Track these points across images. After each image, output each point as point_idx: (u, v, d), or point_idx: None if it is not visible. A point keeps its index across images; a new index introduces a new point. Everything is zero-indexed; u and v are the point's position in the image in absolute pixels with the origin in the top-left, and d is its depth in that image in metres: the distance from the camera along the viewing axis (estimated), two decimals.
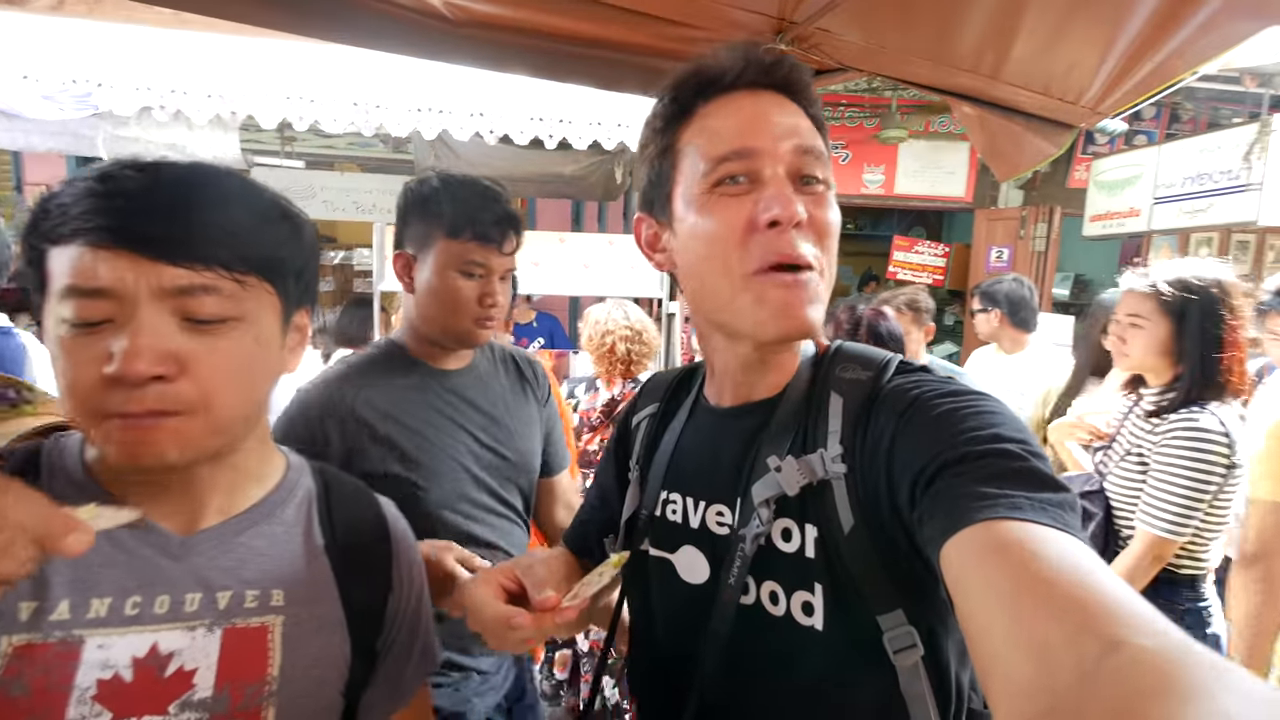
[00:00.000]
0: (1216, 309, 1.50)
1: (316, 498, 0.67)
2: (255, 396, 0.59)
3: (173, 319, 0.52)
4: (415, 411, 1.08)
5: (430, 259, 1.07)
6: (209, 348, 0.53)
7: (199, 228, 0.53)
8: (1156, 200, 3.83)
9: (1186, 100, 4.54)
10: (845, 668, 0.58)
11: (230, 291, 0.54)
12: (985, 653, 0.38)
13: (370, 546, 0.69)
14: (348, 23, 1.28)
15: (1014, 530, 0.41)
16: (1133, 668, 0.31)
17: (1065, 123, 1.64)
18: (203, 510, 0.59)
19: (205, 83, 2.56)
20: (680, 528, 0.68)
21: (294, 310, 0.62)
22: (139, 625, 0.54)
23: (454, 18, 1.28)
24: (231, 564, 0.59)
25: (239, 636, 0.58)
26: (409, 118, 2.79)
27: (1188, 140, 3.70)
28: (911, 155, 4.86)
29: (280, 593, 0.60)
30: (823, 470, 0.58)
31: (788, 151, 0.59)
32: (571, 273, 3.21)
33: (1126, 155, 4.10)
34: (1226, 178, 3.38)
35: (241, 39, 2.61)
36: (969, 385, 0.57)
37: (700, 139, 0.61)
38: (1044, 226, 4.75)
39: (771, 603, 0.60)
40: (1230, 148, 3.32)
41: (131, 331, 0.50)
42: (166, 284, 0.51)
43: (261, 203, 0.59)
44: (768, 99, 0.61)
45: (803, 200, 0.58)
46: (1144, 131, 4.67)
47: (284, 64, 2.68)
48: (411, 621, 0.71)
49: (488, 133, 2.89)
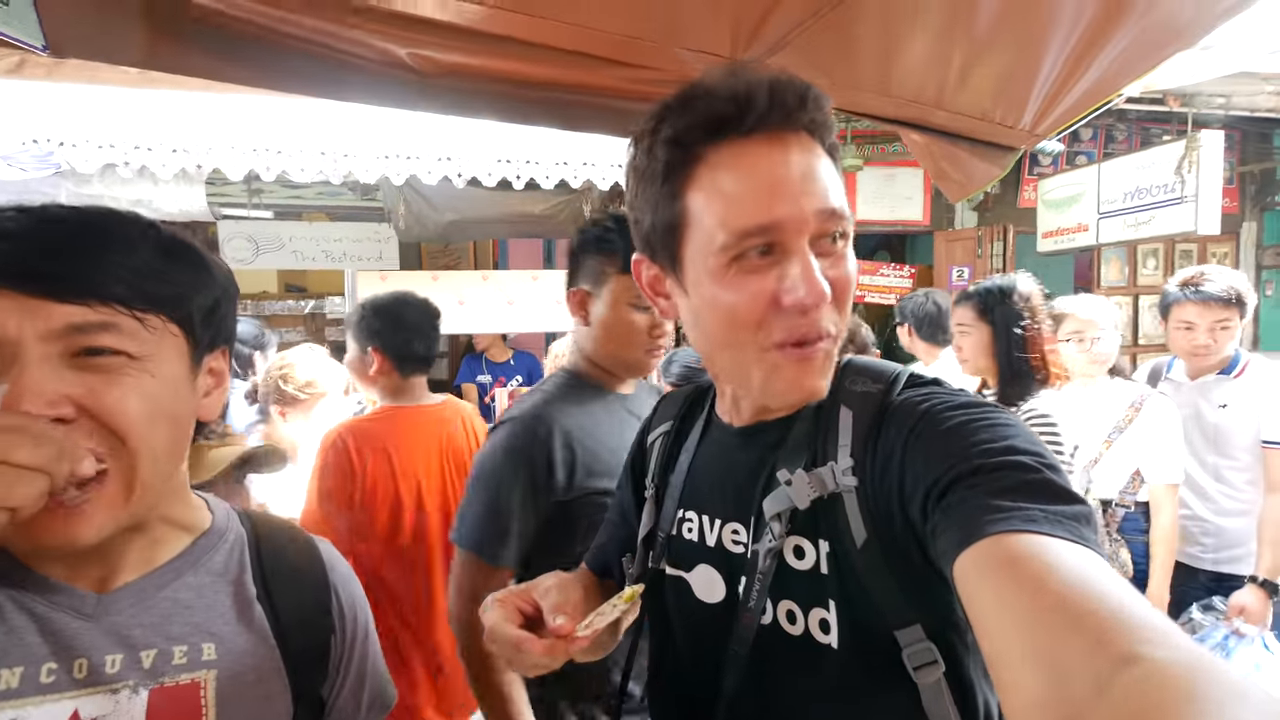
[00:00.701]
0: (1019, 313, 1.72)
1: (247, 544, 0.65)
2: (170, 443, 0.55)
3: (62, 360, 0.48)
4: (612, 431, 1.14)
5: (605, 294, 1.14)
6: (109, 385, 0.49)
7: (90, 264, 0.50)
8: (1101, 215, 4.04)
9: (1119, 122, 4.83)
10: (864, 686, 0.56)
11: (130, 330, 0.51)
12: (1000, 666, 0.38)
13: (308, 590, 0.66)
14: (314, 77, 1.31)
15: (1028, 543, 0.41)
16: (1149, 681, 0.30)
17: (1006, 145, 1.73)
18: (120, 565, 0.56)
19: (170, 137, 2.57)
20: (696, 546, 0.68)
21: (205, 352, 0.59)
22: (56, 693, 0.51)
23: (420, 68, 1.32)
24: (155, 620, 0.56)
25: (168, 696, 0.54)
26: (377, 164, 2.82)
27: (1124, 158, 3.92)
28: (869, 182, 5.04)
29: (211, 646, 0.57)
30: (833, 483, 0.57)
31: (813, 216, 0.53)
32: (546, 310, 3.24)
33: (1069, 175, 4.32)
34: (1163, 191, 3.58)
35: (207, 95, 2.64)
36: (979, 398, 0.56)
37: (716, 202, 0.54)
38: (999, 245, 4.94)
39: (789, 622, 0.59)
40: (1163, 163, 3.53)
41: (15, 375, 0.46)
42: (55, 324, 0.48)
43: (166, 243, 0.55)
44: (790, 147, 0.54)
45: (825, 266, 0.54)
46: (1084, 152, 4.93)
47: (250, 116, 2.71)
48: (359, 664, 0.69)
49: (456, 176, 2.94)
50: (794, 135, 0.55)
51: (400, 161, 2.85)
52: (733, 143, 0.54)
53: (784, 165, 0.53)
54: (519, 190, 3.13)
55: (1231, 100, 3.94)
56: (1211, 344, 1.97)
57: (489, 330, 3.71)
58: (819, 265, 0.54)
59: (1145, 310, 5.33)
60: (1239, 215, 5.34)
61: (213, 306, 0.58)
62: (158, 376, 0.53)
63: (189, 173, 2.65)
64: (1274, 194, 5.26)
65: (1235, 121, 4.52)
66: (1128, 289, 5.35)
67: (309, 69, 1.28)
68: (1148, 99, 3.94)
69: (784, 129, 0.54)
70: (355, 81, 1.32)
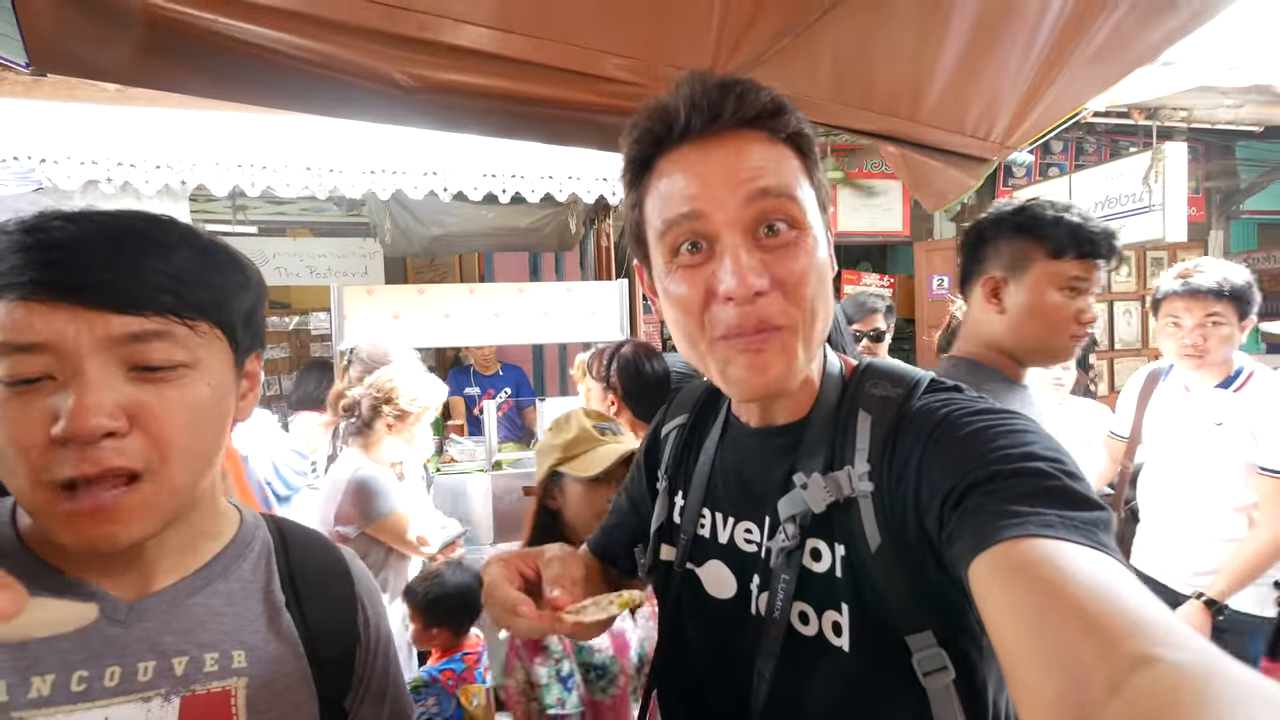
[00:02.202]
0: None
1: (275, 551, 0.65)
2: (212, 448, 0.56)
3: (119, 370, 0.49)
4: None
5: (1028, 279, 1.14)
6: (161, 397, 0.50)
7: (142, 273, 0.50)
8: None
9: (1088, 134, 4.97)
10: (874, 689, 0.57)
11: (181, 338, 0.51)
12: (1014, 669, 0.38)
13: (335, 599, 0.66)
14: (301, 93, 1.33)
15: (1044, 548, 0.40)
16: (1165, 682, 0.30)
17: (979, 156, 1.79)
18: (152, 572, 0.56)
19: (154, 153, 2.56)
20: (709, 542, 0.68)
21: (245, 356, 0.59)
22: (87, 701, 0.51)
23: (406, 84, 1.34)
24: (186, 627, 0.56)
25: (199, 704, 0.54)
26: (363, 179, 2.83)
27: (1094, 169, 4.05)
28: (850, 194, 5.13)
29: (242, 653, 0.57)
30: (849, 488, 0.57)
31: (739, 204, 0.55)
32: (532, 322, 3.25)
33: (1042, 185, 4.44)
34: (1132, 200, 3.70)
35: (190, 111, 2.64)
36: (1000, 405, 0.56)
37: (656, 202, 0.59)
38: None
39: (802, 623, 0.60)
40: (1131, 174, 3.65)
41: (77, 386, 0.47)
42: (115, 333, 0.48)
43: (203, 246, 0.56)
44: (718, 146, 0.56)
45: (765, 258, 0.55)
46: (1055, 164, 5.07)
47: (235, 131, 2.71)
48: (381, 677, 0.69)
49: (442, 190, 2.96)
50: (729, 134, 0.56)
51: (386, 176, 2.86)
52: (672, 150, 0.59)
53: (703, 162, 0.57)
54: (505, 204, 3.16)
55: (1193, 113, 4.09)
56: (1200, 343, 1.77)
57: (476, 343, 3.71)
58: (758, 258, 0.55)
59: (1120, 316, 5.46)
60: (1205, 224, 5.52)
61: (251, 309, 0.59)
62: (207, 383, 0.54)
63: (173, 188, 2.64)
64: (1238, 203, 5.43)
65: (1199, 134, 4.68)
66: (1102, 295, 5.49)
67: (294, 85, 1.30)
68: (1115, 112, 4.08)
69: (716, 131, 0.57)
70: (342, 97, 1.34)
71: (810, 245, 0.57)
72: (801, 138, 0.58)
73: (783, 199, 0.56)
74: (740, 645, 0.64)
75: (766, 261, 0.55)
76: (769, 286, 0.55)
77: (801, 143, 0.59)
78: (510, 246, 4.02)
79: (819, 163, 0.61)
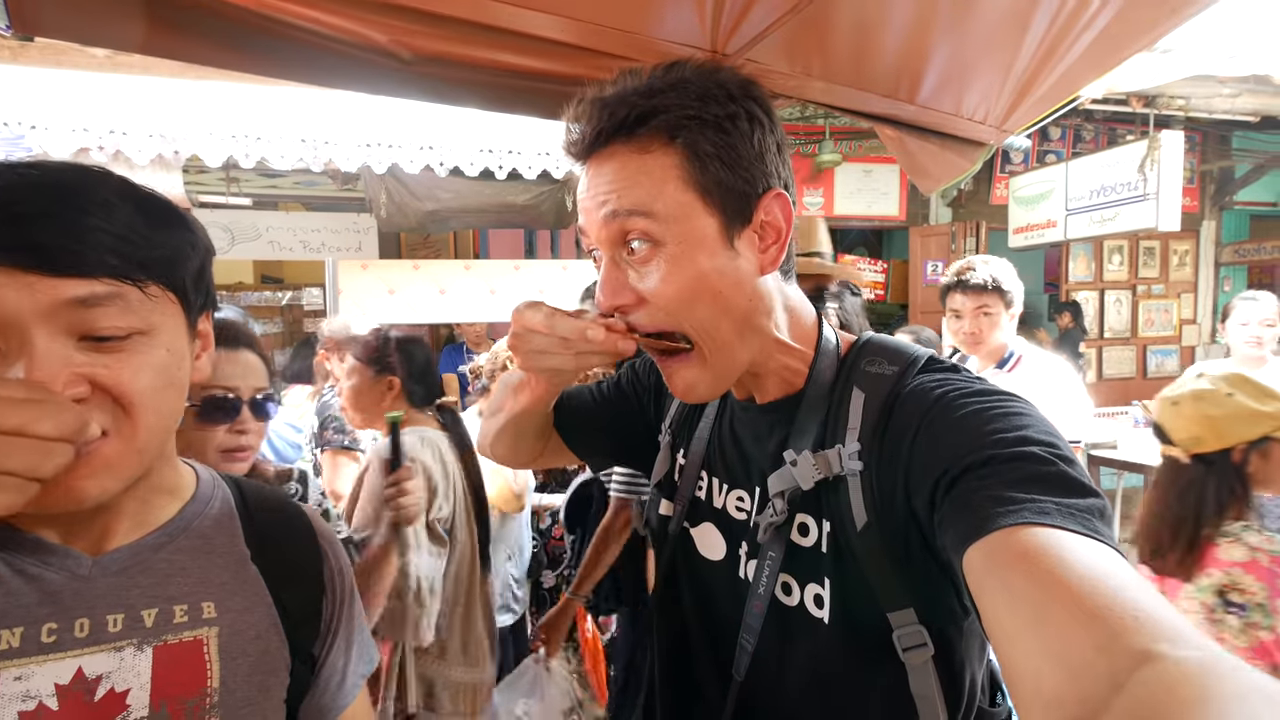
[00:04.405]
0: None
1: (236, 507, 0.65)
2: (175, 409, 0.55)
3: (69, 339, 0.47)
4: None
5: None
6: (119, 364, 0.49)
7: (86, 233, 0.47)
8: (1069, 212, 4.16)
9: (1087, 121, 4.97)
10: (851, 661, 0.58)
11: (134, 301, 0.49)
12: (1012, 659, 0.37)
13: (298, 551, 0.67)
14: (297, 62, 1.32)
15: (1041, 536, 0.40)
16: (1167, 679, 0.30)
17: (976, 140, 1.80)
18: (114, 528, 0.56)
19: (147, 122, 2.53)
20: (704, 505, 0.71)
21: (198, 316, 0.58)
22: (59, 652, 0.51)
23: (403, 55, 1.33)
24: (153, 581, 0.56)
25: (172, 652, 0.55)
26: (358, 152, 2.81)
27: (1090, 156, 4.05)
28: (847, 178, 5.12)
29: (211, 604, 0.58)
30: (839, 466, 0.57)
31: (600, 224, 0.58)
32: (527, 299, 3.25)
33: (1039, 172, 4.44)
34: (1127, 189, 3.71)
35: (184, 80, 2.60)
36: (996, 385, 0.55)
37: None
38: (972, 240, 5.06)
39: (784, 593, 0.61)
40: (1127, 162, 3.66)
41: (27, 360, 0.45)
42: (61, 297, 0.46)
43: (146, 202, 0.52)
44: (596, 164, 0.59)
45: (634, 271, 0.57)
46: (1053, 150, 5.07)
47: (229, 101, 2.68)
48: (348, 624, 0.71)
49: (438, 165, 2.94)
50: (607, 151, 0.58)
51: (382, 150, 2.84)
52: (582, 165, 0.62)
53: (585, 185, 0.60)
54: (501, 180, 3.14)
55: (1190, 102, 4.09)
56: (976, 330, 2.05)
57: (470, 320, 3.71)
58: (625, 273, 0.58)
59: (1110, 305, 5.50)
60: (1199, 214, 5.55)
61: (201, 268, 0.57)
62: (168, 349, 0.53)
63: (166, 159, 2.61)
64: (1232, 194, 5.46)
65: (1196, 123, 4.69)
66: (1094, 284, 5.52)
67: (289, 53, 1.28)
68: (1113, 100, 4.07)
69: (600, 150, 0.59)
70: (337, 67, 1.33)
71: (672, 257, 0.56)
72: (688, 133, 0.56)
73: (632, 217, 0.56)
74: (726, 607, 0.66)
75: (634, 277, 0.58)
76: (633, 300, 0.58)
77: (688, 139, 0.56)
78: (506, 223, 4.00)
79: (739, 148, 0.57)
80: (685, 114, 0.55)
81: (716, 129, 0.56)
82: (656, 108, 0.56)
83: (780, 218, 0.59)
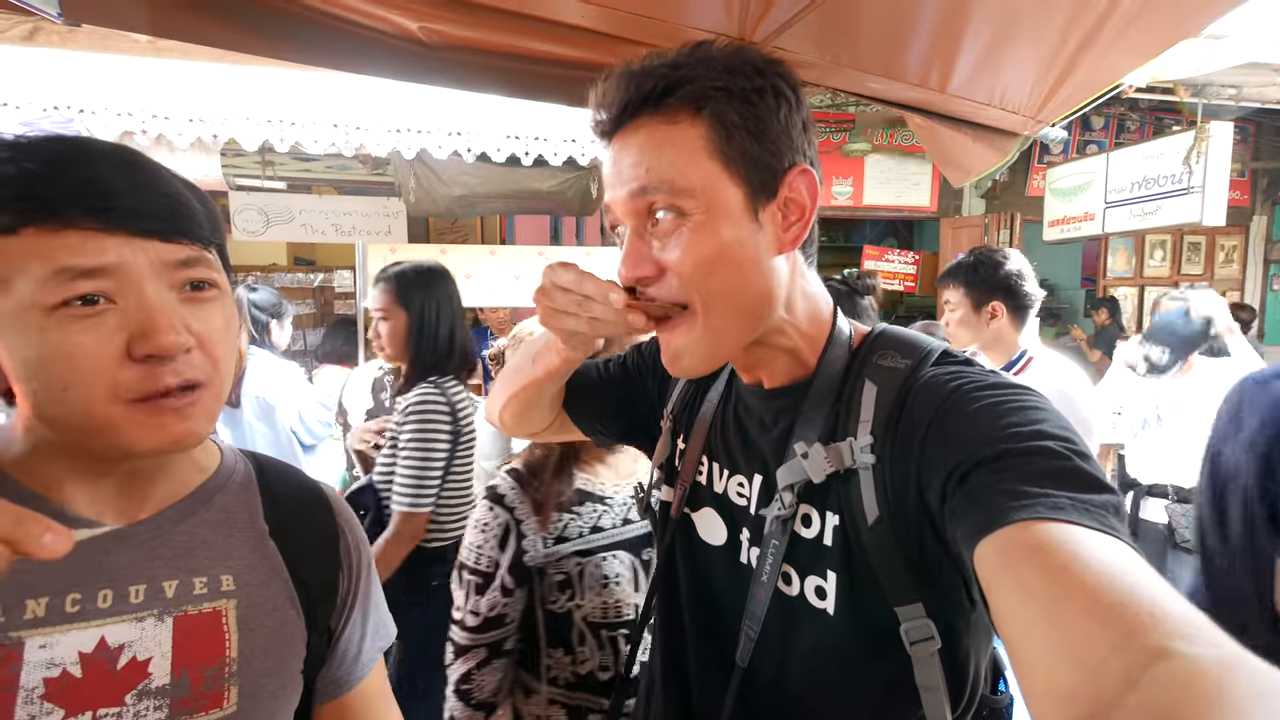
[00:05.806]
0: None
1: (255, 482, 0.67)
2: (236, 362, 0.60)
3: (172, 294, 0.53)
4: None
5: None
6: (207, 315, 0.55)
7: (170, 201, 0.53)
8: (1108, 205, 4.03)
9: (1131, 111, 4.79)
10: (856, 653, 0.58)
11: (213, 263, 0.56)
12: (1024, 655, 0.37)
13: (315, 526, 0.69)
14: (325, 47, 1.34)
15: (1054, 532, 0.40)
16: (1183, 676, 0.30)
17: (1009, 131, 1.75)
18: (140, 501, 0.58)
19: (187, 107, 2.61)
20: (705, 490, 0.71)
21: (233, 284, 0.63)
22: (83, 621, 0.53)
23: (429, 41, 1.35)
24: (174, 553, 0.58)
25: (192, 623, 0.57)
26: (388, 138, 2.85)
27: (1133, 147, 3.90)
28: (877, 167, 5.03)
29: (230, 577, 0.60)
30: (851, 459, 0.57)
31: (626, 197, 0.58)
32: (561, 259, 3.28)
33: (1078, 163, 4.30)
34: (1170, 181, 3.57)
35: (222, 66, 2.66)
36: (1011, 379, 0.55)
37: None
38: (1006, 233, 4.94)
39: (784, 582, 0.61)
40: (1171, 153, 3.52)
41: (146, 309, 0.50)
42: (166, 258, 0.52)
43: (182, 179, 0.58)
44: (622, 140, 0.59)
45: (657, 242, 0.58)
46: (1094, 141, 4.89)
47: (265, 88, 2.73)
48: (364, 600, 0.72)
49: (465, 151, 2.97)
50: (632, 126, 0.58)
51: (411, 135, 2.87)
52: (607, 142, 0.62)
53: (610, 161, 0.60)
54: (528, 166, 3.16)
55: (1242, 91, 3.91)
56: (948, 324, 2.00)
57: (495, 304, 3.76)
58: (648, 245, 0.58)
59: (1150, 303, 5.33)
60: (1249, 209, 5.31)
61: (222, 239, 0.62)
62: (231, 304, 0.59)
63: (205, 142, 2.68)
64: None
65: (1251, 114, 4.48)
66: (1134, 280, 5.35)
67: (319, 39, 1.31)
68: (1160, 89, 3.91)
69: (626, 125, 0.58)
70: (366, 54, 1.35)
71: (697, 225, 0.56)
72: (715, 103, 0.55)
73: (659, 188, 0.56)
74: (728, 593, 0.67)
75: (656, 248, 0.58)
76: (654, 272, 0.58)
77: (715, 109, 0.55)
78: (532, 209, 4.02)
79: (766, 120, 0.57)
80: (712, 85, 0.55)
81: (743, 100, 0.56)
82: (683, 78, 0.56)
83: (805, 195, 0.59)
